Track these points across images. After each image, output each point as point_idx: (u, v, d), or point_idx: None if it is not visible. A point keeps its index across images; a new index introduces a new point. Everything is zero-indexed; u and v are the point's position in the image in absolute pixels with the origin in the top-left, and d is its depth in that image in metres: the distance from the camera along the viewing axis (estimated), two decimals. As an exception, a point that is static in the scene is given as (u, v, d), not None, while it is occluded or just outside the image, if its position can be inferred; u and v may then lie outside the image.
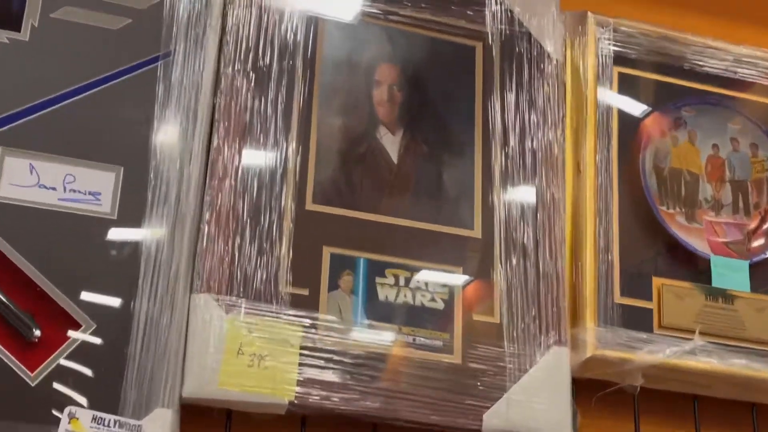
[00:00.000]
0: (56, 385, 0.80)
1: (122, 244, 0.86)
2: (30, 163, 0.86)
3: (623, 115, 1.06)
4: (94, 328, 0.82)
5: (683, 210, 1.05)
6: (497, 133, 1.02)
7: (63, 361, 0.81)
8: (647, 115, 1.08)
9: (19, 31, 0.90)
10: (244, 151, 0.93)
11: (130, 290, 0.85)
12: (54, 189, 0.86)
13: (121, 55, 0.92)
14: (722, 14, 1.25)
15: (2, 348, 0.79)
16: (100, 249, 0.86)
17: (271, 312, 0.87)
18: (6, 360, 0.79)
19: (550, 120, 1.04)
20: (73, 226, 0.85)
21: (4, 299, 0.81)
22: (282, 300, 0.88)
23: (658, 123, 1.07)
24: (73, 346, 0.81)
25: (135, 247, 0.86)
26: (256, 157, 0.93)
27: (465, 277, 0.95)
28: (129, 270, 0.85)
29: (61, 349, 0.81)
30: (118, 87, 0.91)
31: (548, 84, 1.05)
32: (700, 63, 1.11)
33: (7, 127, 0.86)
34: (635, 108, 1.08)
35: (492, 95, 1.03)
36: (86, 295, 0.84)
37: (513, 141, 1.02)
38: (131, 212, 0.87)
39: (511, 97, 1.04)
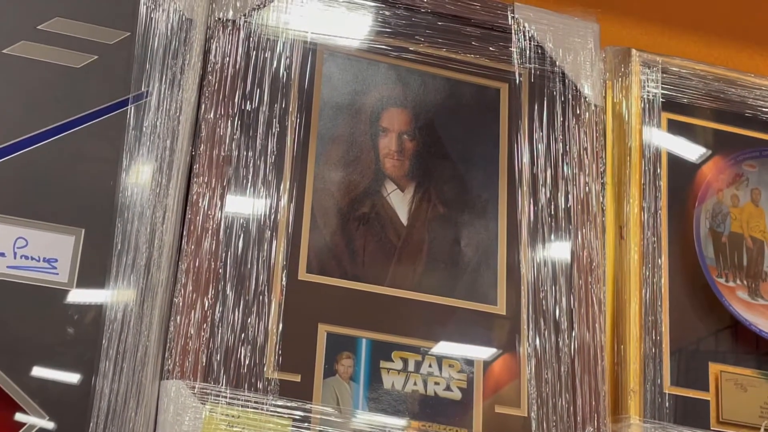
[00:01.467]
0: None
1: (81, 320, 0.87)
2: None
3: (673, 169, 1.07)
4: (46, 419, 0.83)
5: (745, 283, 1.05)
6: (525, 188, 1.02)
7: (8, 462, 0.80)
8: (701, 168, 1.08)
9: (-35, 68, 0.90)
10: (227, 210, 0.94)
11: (89, 375, 0.85)
12: (3, 255, 0.87)
13: (86, 96, 0.94)
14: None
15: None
16: (55, 325, 0.86)
17: (257, 402, 0.88)
18: None
19: (588, 173, 1.04)
20: (24, 297, 0.86)
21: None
22: (269, 387, 0.89)
23: (715, 179, 1.07)
24: (26, 439, 0.81)
25: (96, 323, 0.87)
26: (241, 217, 0.94)
27: (486, 362, 0.96)
28: (88, 351, 0.86)
29: (6, 439, 0.80)
30: (81, 134, 0.92)
31: (585, 132, 1.06)
32: (765, 109, 1.11)
33: None
34: (688, 161, 1.08)
35: (519, 145, 1.04)
36: (38, 381, 0.84)
37: (544, 197, 1.03)
38: (93, 282, 0.88)
39: (541, 148, 1.04)
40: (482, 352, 0.96)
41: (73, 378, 0.85)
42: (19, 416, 0.82)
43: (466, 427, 0.92)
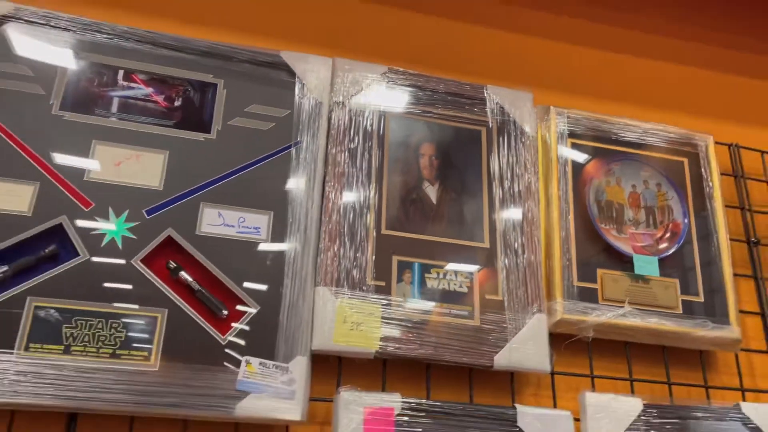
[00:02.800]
0: (237, 344, 0.82)
1: (273, 257, 0.88)
2: (218, 212, 0.88)
3: (575, 167, 1.07)
4: (259, 308, 0.85)
5: (615, 226, 1.05)
6: (496, 182, 1.02)
7: (241, 329, 0.83)
8: (586, 167, 1.08)
9: (209, 132, 0.93)
10: (343, 197, 0.94)
11: (280, 284, 0.86)
12: (233, 226, 0.88)
13: (270, 144, 0.94)
14: (635, 102, 1.26)
15: (206, 322, 0.82)
16: (261, 260, 0.87)
17: (363, 297, 0.89)
18: (207, 329, 0.82)
19: (530, 172, 1.04)
20: (245, 248, 0.87)
21: (205, 293, 0.84)
22: (369, 288, 0.90)
23: (596, 172, 1.08)
24: (247, 319, 0.84)
25: (281, 258, 0.88)
26: (350, 203, 0.94)
27: (479, 271, 0.96)
28: (278, 272, 0.87)
29: (239, 321, 0.84)
30: (269, 163, 0.93)
31: (527, 150, 1.06)
32: (622, 134, 1.12)
33: (205, 190, 0.89)
34: (581, 163, 1.08)
35: (491, 159, 1.04)
36: (252, 289, 0.85)
37: (506, 185, 1.02)
38: (278, 238, 0.89)
39: (503, 160, 1.04)
40: (477, 267, 0.96)
41: (273, 284, 0.86)
42: (239, 307, 0.84)
43: (470, 305, 0.92)
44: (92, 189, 0.85)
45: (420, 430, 0.83)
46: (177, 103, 0.93)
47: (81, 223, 0.83)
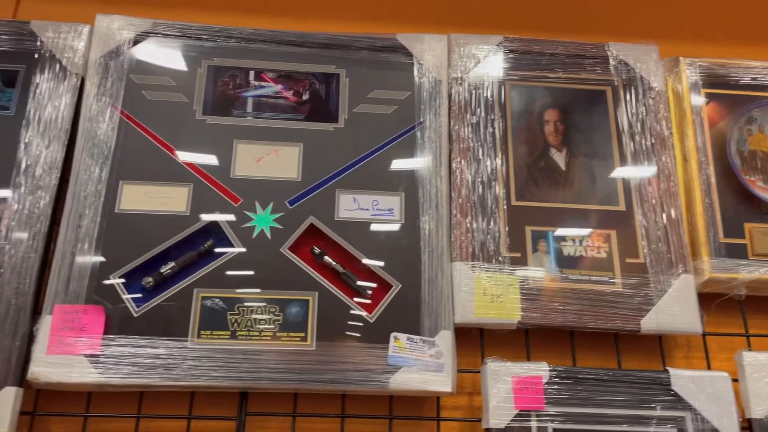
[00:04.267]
0: (384, 321, 0.86)
1: (409, 236, 0.91)
2: (353, 197, 0.92)
3: (710, 118, 1.02)
4: (400, 286, 0.88)
5: (761, 177, 1.00)
6: (626, 141, 1.00)
7: (386, 306, 0.87)
8: (725, 116, 1.02)
9: (337, 122, 0.97)
10: (470, 172, 0.95)
11: (417, 262, 0.89)
12: (367, 210, 0.92)
13: (395, 126, 0.97)
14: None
15: (353, 302, 0.87)
16: (398, 240, 0.91)
17: (499, 268, 0.90)
18: (355, 309, 0.87)
19: (661, 126, 1.01)
20: (381, 229, 0.91)
21: (349, 274, 0.89)
22: (504, 260, 0.91)
23: (734, 121, 1.02)
24: (391, 297, 0.88)
25: (416, 237, 0.91)
26: (477, 174, 0.95)
27: (616, 235, 0.94)
28: (414, 250, 0.90)
29: (384, 299, 0.88)
30: (395, 146, 0.96)
31: (656, 104, 1.03)
32: (760, 78, 1.05)
33: (338, 177, 0.93)
34: (717, 113, 1.03)
35: (619, 118, 1.01)
36: (392, 268, 0.89)
37: (637, 144, 1.00)
38: (412, 218, 0.92)
39: (632, 118, 1.01)
40: (615, 232, 0.94)
41: (411, 262, 0.89)
42: (382, 286, 0.88)
43: (611, 271, 0.91)
44: (239, 185, 0.91)
45: (569, 397, 0.83)
46: (305, 97, 0.97)
47: (232, 217, 0.89)
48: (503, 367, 0.84)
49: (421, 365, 0.84)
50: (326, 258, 0.89)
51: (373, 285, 0.88)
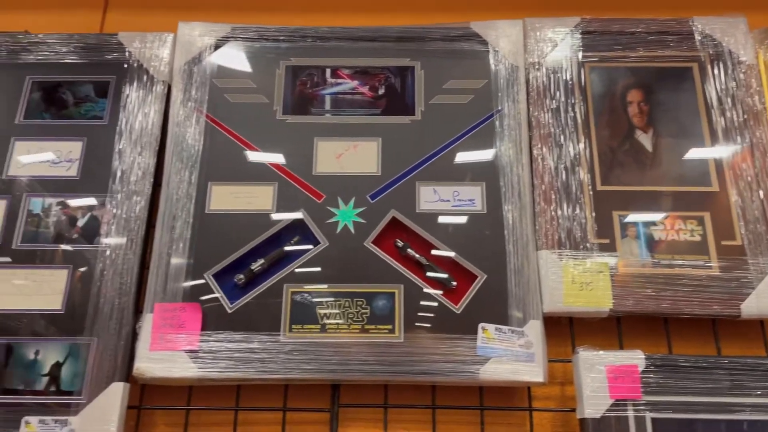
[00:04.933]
0: (471, 311, 0.86)
1: (492, 226, 0.91)
2: (433, 188, 0.93)
3: None
4: (486, 277, 0.88)
5: None
6: (716, 118, 0.96)
7: (472, 297, 0.87)
8: None
9: (414, 114, 0.97)
10: (552, 158, 0.94)
11: (502, 252, 0.89)
12: (448, 201, 0.92)
13: (472, 116, 0.96)
14: None
15: (439, 294, 0.87)
16: (480, 230, 0.90)
17: (587, 255, 0.89)
18: (441, 300, 0.87)
19: (754, 100, 0.97)
20: (463, 220, 0.91)
21: (433, 266, 0.89)
22: (592, 247, 0.89)
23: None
24: (476, 288, 0.87)
25: (500, 226, 0.90)
26: (559, 160, 0.94)
27: (710, 217, 0.91)
28: (498, 240, 0.90)
29: (469, 290, 0.87)
30: (474, 135, 0.96)
31: (747, 78, 0.98)
32: None
33: (418, 170, 0.94)
34: None
35: (708, 95, 0.98)
36: (477, 259, 0.89)
37: (729, 120, 0.96)
38: (494, 207, 0.92)
39: (723, 93, 0.97)
40: (706, 212, 0.91)
41: (496, 252, 0.88)
42: (467, 277, 0.88)
43: (706, 254, 0.88)
44: (321, 182, 0.93)
45: (667, 385, 0.81)
46: (381, 92, 0.98)
47: (317, 214, 0.91)
48: (596, 356, 0.82)
49: (510, 355, 0.83)
50: (409, 250, 0.90)
51: (457, 276, 0.88)
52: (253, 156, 0.95)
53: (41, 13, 1.11)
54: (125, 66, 0.99)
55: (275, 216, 0.91)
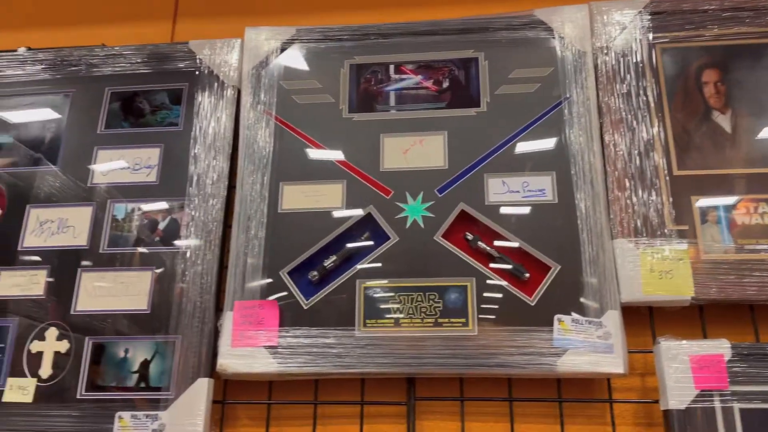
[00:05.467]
0: (546, 303, 0.85)
1: (564, 215, 0.89)
2: (502, 180, 0.92)
3: None
4: (560, 268, 0.87)
5: None
6: None
7: (546, 289, 0.86)
8: None
9: (479, 106, 0.97)
10: (625, 143, 0.91)
11: (576, 241, 0.87)
12: (518, 192, 0.91)
13: (540, 104, 0.95)
14: None
15: (511, 286, 0.87)
16: (552, 220, 0.89)
17: (665, 243, 0.86)
18: (515, 293, 0.87)
19: None
20: (533, 211, 0.90)
21: (505, 258, 0.89)
22: (671, 234, 0.87)
23: None
24: (551, 279, 0.87)
25: (572, 215, 0.89)
26: (633, 145, 0.91)
27: None
28: (572, 229, 0.89)
29: (543, 281, 0.87)
30: (542, 124, 0.94)
31: None
32: None
33: (485, 162, 0.94)
34: None
35: None
36: (550, 249, 0.88)
37: None
38: (565, 196, 0.90)
39: None
40: None
41: (569, 242, 0.87)
42: (540, 268, 0.87)
43: None
44: (388, 178, 0.94)
45: (755, 375, 0.78)
46: (445, 85, 0.98)
47: (385, 209, 0.92)
48: (679, 346, 0.80)
49: (588, 347, 0.82)
50: (480, 243, 0.90)
51: (530, 268, 0.88)
52: (322, 155, 0.96)
53: (115, 26, 1.16)
54: (197, 73, 1.03)
55: (345, 213, 0.93)
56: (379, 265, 0.90)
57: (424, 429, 0.87)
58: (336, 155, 0.96)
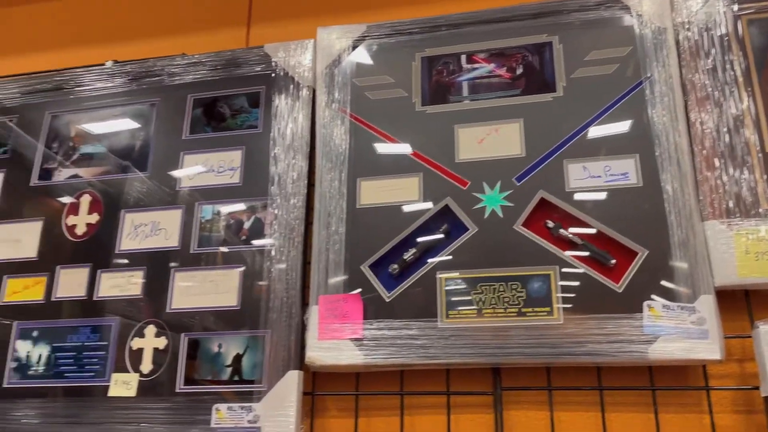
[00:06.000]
0: (634, 289, 0.83)
1: (650, 199, 0.87)
2: (582, 165, 0.91)
3: None
4: (647, 252, 0.85)
5: None
6: None
7: (634, 275, 0.84)
8: None
9: (555, 91, 0.96)
10: (712, 121, 0.88)
11: (663, 225, 0.85)
12: (599, 177, 0.89)
13: (619, 86, 0.93)
14: None
15: (597, 273, 0.86)
16: (637, 204, 0.87)
17: (761, 223, 0.83)
18: (600, 280, 0.85)
19: None
20: (617, 195, 0.87)
21: (588, 245, 0.87)
22: (766, 214, 0.83)
23: None
24: (638, 265, 0.85)
25: (659, 198, 0.87)
26: (721, 123, 0.88)
27: None
28: (658, 213, 0.86)
29: (630, 267, 0.85)
30: (622, 106, 0.92)
31: None
32: None
33: (564, 147, 0.92)
34: None
35: None
36: (636, 234, 0.86)
37: None
38: (651, 179, 0.88)
39: None
40: None
41: (656, 226, 0.85)
42: (626, 254, 0.84)
43: None
44: (464, 169, 0.94)
45: None
46: (519, 71, 0.97)
47: (463, 200, 0.92)
48: (780, 330, 0.77)
49: (682, 333, 0.80)
50: (562, 231, 0.89)
51: (615, 253, 0.86)
52: (396, 149, 0.98)
53: (193, 35, 1.21)
54: (273, 75, 1.06)
55: (422, 206, 0.93)
56: (459, 256, 0.90)
57: (512, 418, 0.87)
58: (411, 149, 0.97)
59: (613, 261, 0.85)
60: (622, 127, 0.91)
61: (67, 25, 1.29)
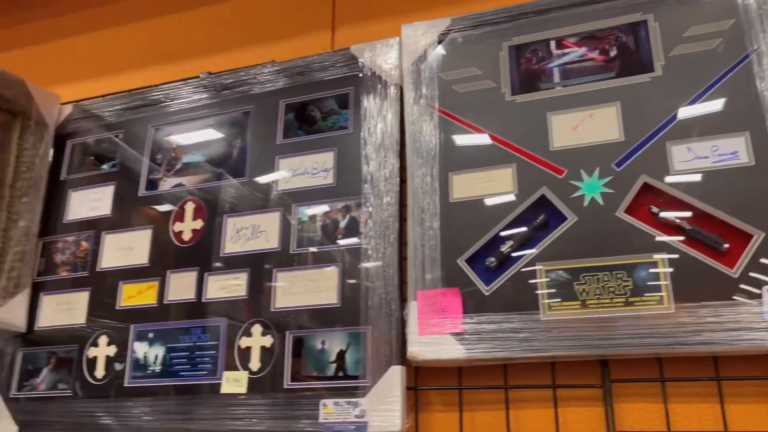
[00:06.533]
0: (751, 273, 0.79)
1: (763, 179, 0.83)
2: (687, 146, 0.87)
3: None
4: (764, 234, 0.81)
5: None
6: None
7: (750, 258, 0.80)
8: None
9: (653, 71, 0.92)
10: None
11: None
12: (706, 157, 0.86)
13: (723, 61, 0.89)
14: None
15: (708, 258, 0.82)
16: (749, 184, 0.83)
17: None
18: (713, 265, 0.82)
19: None
20: (726, 176, 0.84)
21: (697, 230, 0.84)
22: None
23: None
24: (754, 247, 0.81)
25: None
26: None
27: None
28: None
29: (746, 250, 0.81)
30: (727, 81, 0.88)
31: None
32: None
33: (666, 129, 0.89)
34: None
35: None
36: (750, 215, 0.81)
37: None
38: (763, 156, 0.83)
39: None
40: None
41: (766, 205, 0.81)
42: (740, 237, 0.81)
43: None
44: (560, 157, 0.92)
45: None
46: (612, 53, 0.94)
47: (560, 189, 0.91)
48: None
49: (808, 318, 0.75)
50: (668, 216, 0.85)
51: (728, 237, 0.82)
52: (488, 141, 0.97)
53: (280, 42, 1.25)
54: (360, 76, 1.08)
55: (517, 197, 0.92)
56: (559, 246, 0.89)
57: (624, 411, 0.85)
58: (503, 139, 0.96)
59: (726, 245, 0.82)
60: (729, 104, 0.86)
61: (161, 42, 1.36)
